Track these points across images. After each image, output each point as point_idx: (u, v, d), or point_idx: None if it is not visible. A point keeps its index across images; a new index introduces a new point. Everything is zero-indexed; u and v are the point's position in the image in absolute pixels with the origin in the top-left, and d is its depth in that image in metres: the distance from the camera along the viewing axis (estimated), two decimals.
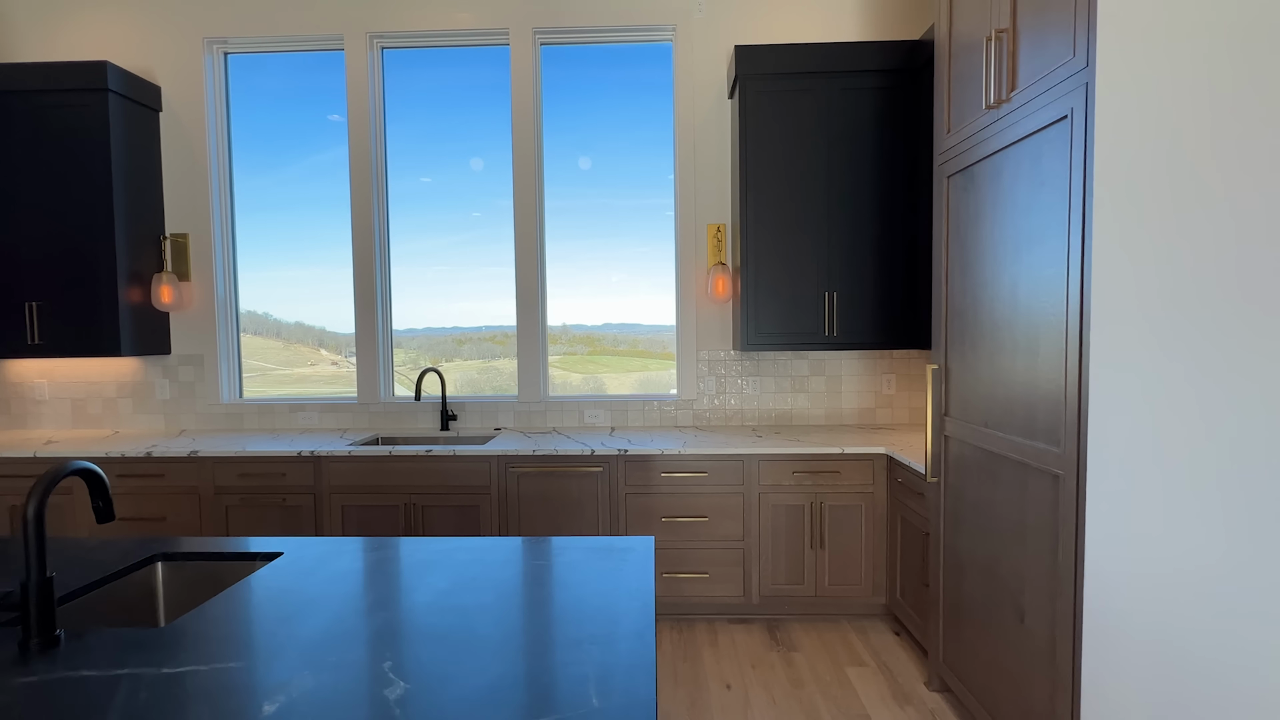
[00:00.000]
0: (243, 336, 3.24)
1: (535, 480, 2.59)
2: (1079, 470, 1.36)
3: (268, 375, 3.26)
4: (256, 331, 3.25)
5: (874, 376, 3.09)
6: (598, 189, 3.20)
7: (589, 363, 3.26)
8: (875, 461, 2.54)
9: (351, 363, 3.22)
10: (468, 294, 3.21)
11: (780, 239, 2.77)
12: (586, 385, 3.25)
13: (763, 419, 3.12)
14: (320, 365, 3.24)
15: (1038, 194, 1.49)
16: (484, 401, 3.15)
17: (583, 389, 3.23)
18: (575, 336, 3.16)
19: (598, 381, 3.22)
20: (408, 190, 3.21)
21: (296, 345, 3.20)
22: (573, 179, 3.20)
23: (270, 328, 3.17)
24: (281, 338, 3.21)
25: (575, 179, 3.20)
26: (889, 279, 2.75)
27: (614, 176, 3.19)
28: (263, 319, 3.27)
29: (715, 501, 2.57)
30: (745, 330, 2.79)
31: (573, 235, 3.20)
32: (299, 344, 3.26)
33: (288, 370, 3.26)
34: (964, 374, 1.87)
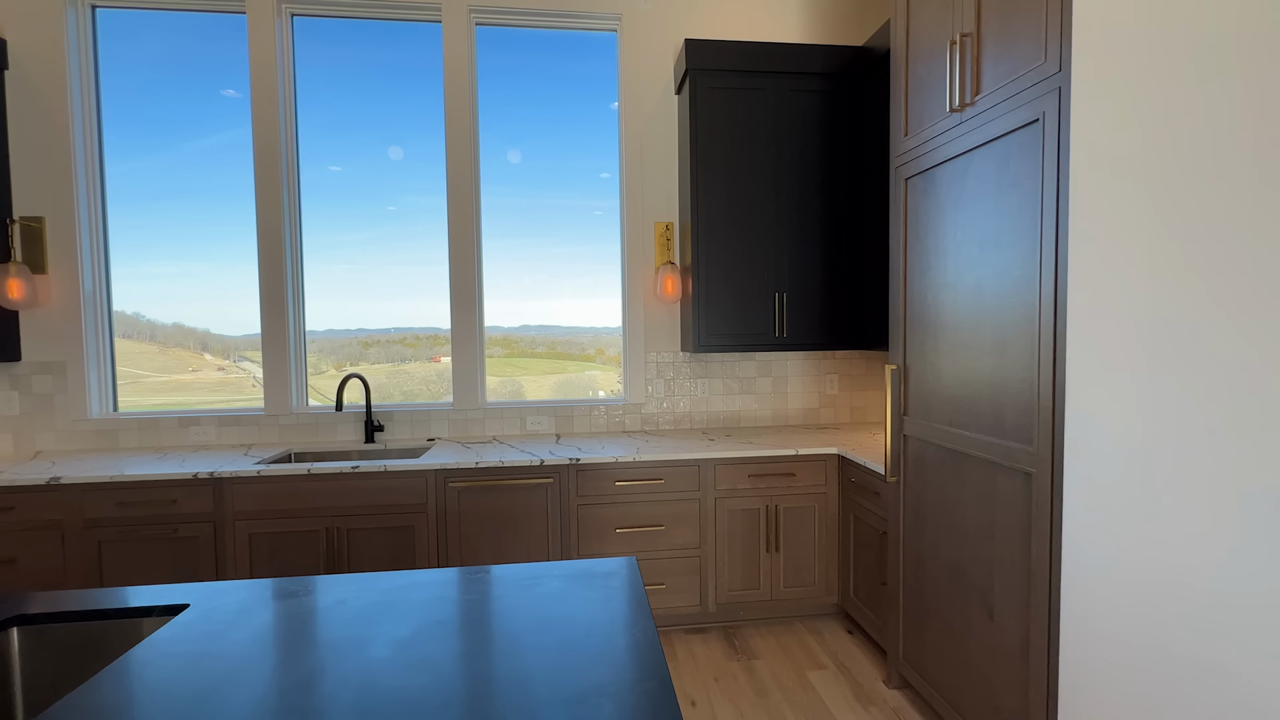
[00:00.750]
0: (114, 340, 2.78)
1: (478, 495, 2.38)
2: (1054, 468, 1.38)
3: (140, 383, 2.82)
4: (126, 334, 2.81)
5: (818, 377, 3.13)
6: (528, 186, 3.02)
7: (506, 365, 3.07)
8: (828, 462, 2.55)
9: (240, 368, 2.84)
10: (377, 293, 2.93)
11: (732, 238, 2.73)
12: (503, 388, 3.07)
13: (712, 422, 3.07)
14: (204, 371, 2.86)
15: (1006, 196, 1.51)
16: (415, 410, 2.88)
17: (499, 391, 3.04)
18: (492, 338, 2.94)
19: (515, 384, 3.05)
20: (313, 179, 2.88)
21: (175, 350, 2.82)
22: (500, 174, 3.00)
23: (143, 330, 2.77)
24: (157, 341, 2.82)
25: (503, 174, 3.00)
26: (836, 280, 2.79)
27: (546, 173, 3.02)
28: (133, 320, 2.82)
29: (672, 509, 2.48)
30: (697, 331, 2.73)
31: (495, 234, 3.00)
32: (178, 348, 2.81)
33: (164, 377, 2.83)
34: (924, 374, 1.88)
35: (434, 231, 2.91)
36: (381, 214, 2.95)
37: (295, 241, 2.83)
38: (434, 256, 2.92)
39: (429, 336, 2.94)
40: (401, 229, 2.95)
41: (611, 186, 3.05)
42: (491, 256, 2.99)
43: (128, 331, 2.84)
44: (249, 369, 2.82)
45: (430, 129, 2.89)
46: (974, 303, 1.64)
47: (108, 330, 2.75)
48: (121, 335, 2.81)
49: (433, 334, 2.94)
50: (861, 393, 3.16)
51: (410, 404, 2.95)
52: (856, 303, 2.79)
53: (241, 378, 2.85)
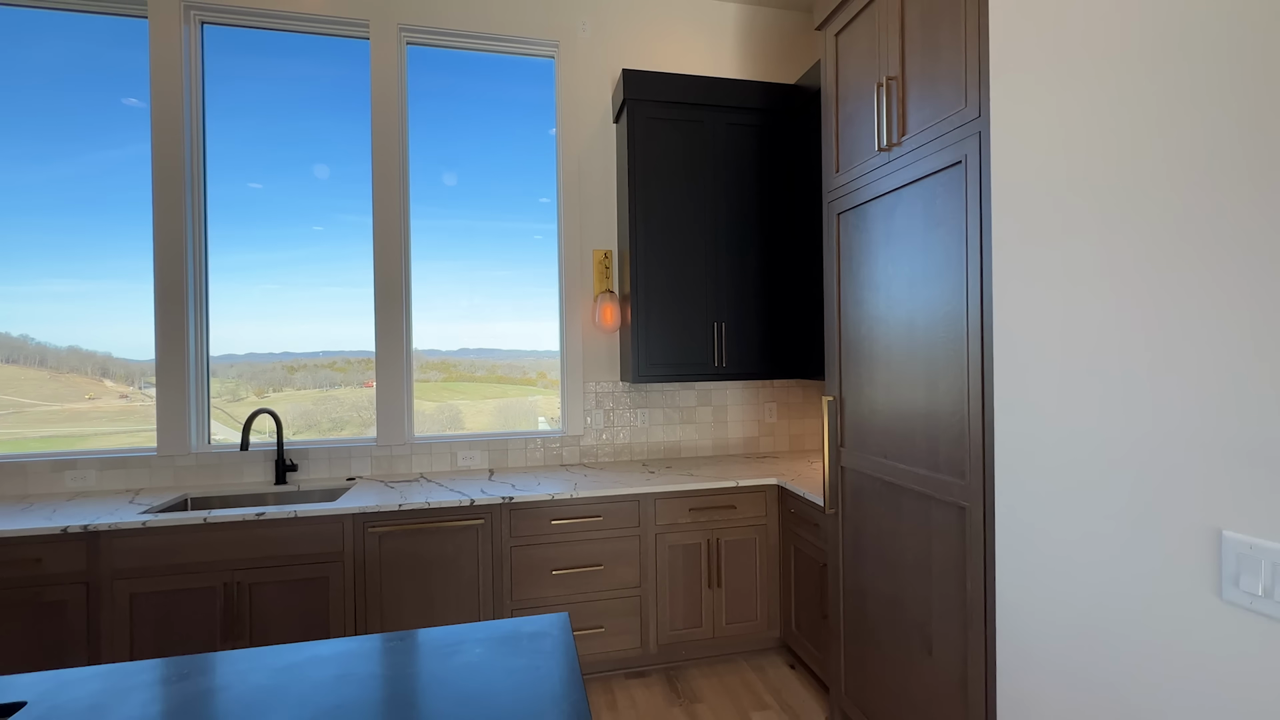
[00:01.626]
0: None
1: (401, 540, 2.20)
2: (986, 502, 1.39)
3: (24, 413, 2.48)
4: (9, 359, 2.48)
5: (757, 406, 3.14)
6: (464, 209, 2.92)
7: (444, 390, 2.92)
8: (768, 493, 2.53)
9: (146, 395, 2.56)
10: (302, 315, 2.73)
11: (670, 268, 2.71)
12: (440, 414, 2.90)
13: (652, 453, 3.00)
14: (104, 399, 2.55)
15: (933, 233, 1.55)
16: (334, 446, 2.66)
17: (437, 418, 2.88)
18: (429, 363, 2.80)
19: (452, 410, 2.90)
20: (233, 196, 2.67)
21: (70, 375, 2.50)
22: (436, 196, 2.88)
23: (31, 354, 2.45)
24: (48, 366, 2.50)
25: (439, 196, 2.89)
26: (774, 310, 2.81)
27: (483, 197, 2.93)
28: (19, 343, 2.49)
29: (610, 547, 2.38)
30: (636, 361, 2.67)
31: (431, 256, 2.87)
32: (74, 374, 2.50)
33: (55, 406, 2.50)
34: (859, 406, 1.90)
35: (365, 252, 2.75)
36: (308, 234, 2.77)
37: (199, 261, 2.59)
38: (364, 278, 2.76)
39: (361, 360, 2.78)
40: (330, 249, 2.77)
41: (552, 211, 2.99)
42: (427, 279, 2.85)
43: (11, 355, 2.49)
44: (155, 396, 2.53)
45: (361, 148, 2.75)
46: (906, 336, 1.67)
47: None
48: (4, 360, 2.47)
49: (365, 357, 2.77)
50: (800, 421, 3.19)
51: (329, 440, 2.72)
52: (794, 333, 2.83)
53: (147, 406, 2.57)
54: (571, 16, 2.89)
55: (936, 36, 1.53)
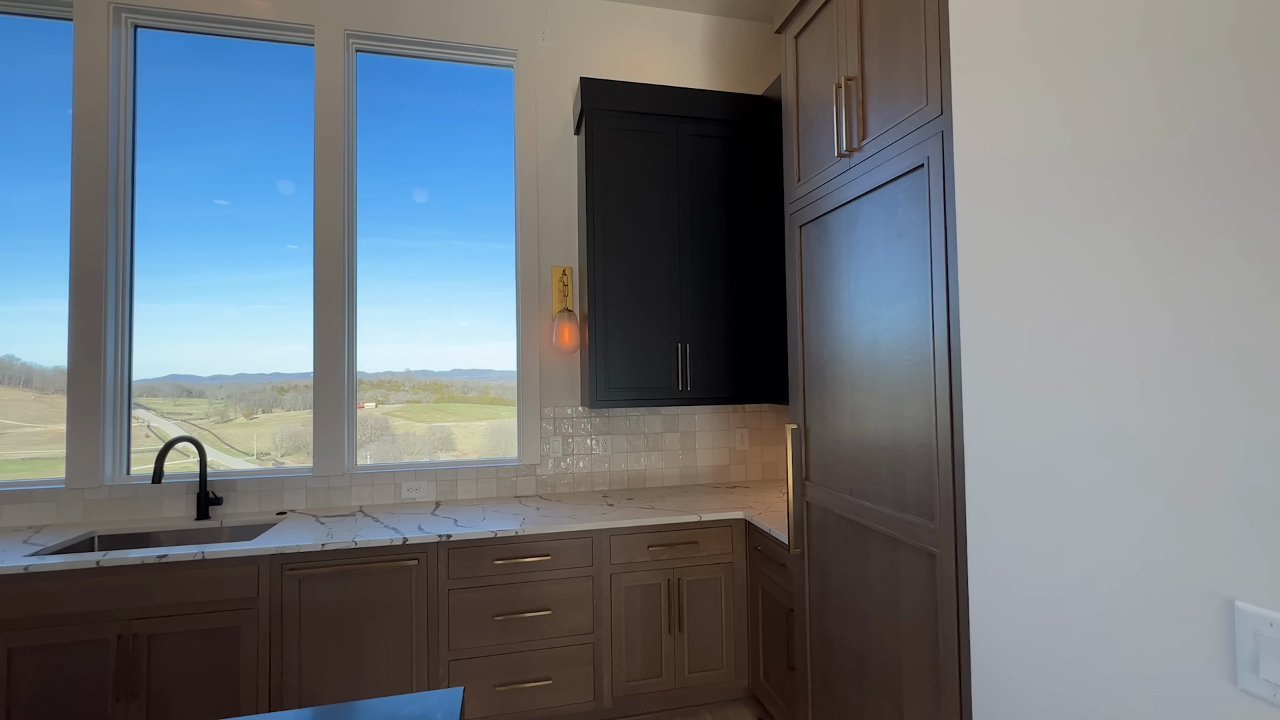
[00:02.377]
0: None
1: (325, 584, 1.99)
2: (957, 548, 1.22)
3: (8, 435, 2.34)
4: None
5: (727, 432, 2.96)
6: (438, 227, 2.77)
7: (436, 410, 2.75)
8: (734, 528, 2.34)
9: (135, 416, 2.39)
10: (294, 336, 2.57)
11: (632, 286, 2.55)
12: (432, 436, 2.74)
13: (615, 482, 2.81)
14: None
15: (895, 246, 1.40)
16: (265, 478, 2.45)
17: (428, 439, 2.71)
18: (420, 384, 2.65)
19: (444, 431, 2.74)
20: (203, 217, 2.51)
21: (56, 396, 2.33)
22: (408, 214, 2.74)
23: (17, 374, 2.32)
24: (33, 387, 2.37)
25: (411, 214, 2.74)
26: (740, 330, 2.65)
27: (456, 214, 2.79)
28: (4, 363, 2.34)
29: (561, 589, 2.17)
30: (595, 384, 2.50)
31: (415, 276, 2.72)
32: (59, 394, 2.32)
33: (39, 428, 2.33)
34: (824, 435, 1.73)
35: (360, 272, 2.61)
36: (291, 254, 2.61)
37: (123, 280, 2.40)
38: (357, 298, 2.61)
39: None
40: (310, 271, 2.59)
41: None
42: (418, 299, 2.73)
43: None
44: (143, 417, 2.40)
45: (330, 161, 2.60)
46: (869, 359, 1.50)
47: None
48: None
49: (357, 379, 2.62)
50: (774, 448, 3.01)
51: (260, 471, 2.51)
52: (763, 354, 2.67)
53: (134, 427, 2.38)
54: (531, 24, 2.77)
55: (896, 32, 1.39)
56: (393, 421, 2.68)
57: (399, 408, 2.71)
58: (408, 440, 2.68)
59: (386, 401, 2.64)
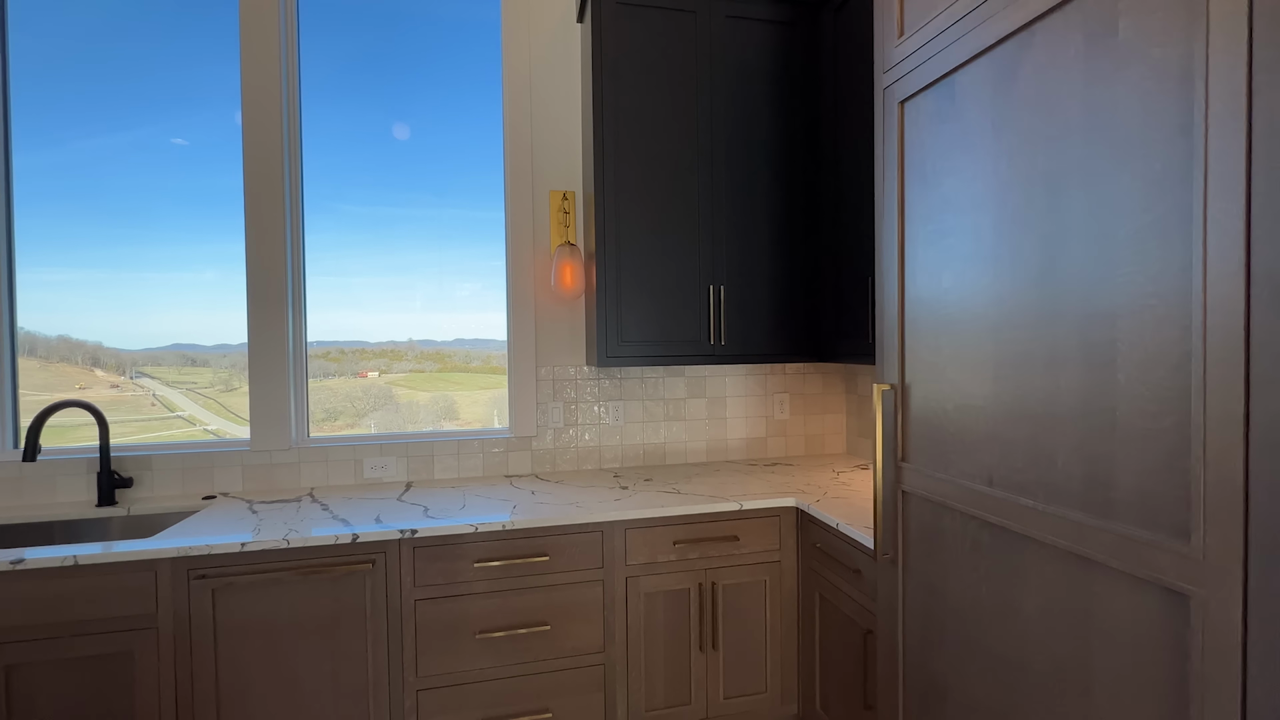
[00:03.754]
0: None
1: (248, 596, 1.50)
2: (1245, 591, 0.70)
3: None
4: None
5: (764, 398, 2.44)
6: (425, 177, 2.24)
7: (439, 380, 2.43)
8: (782, 518, 1.84)
9: (138, 385, 2.14)
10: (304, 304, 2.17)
11: (651, 212, 2.00)
12: (435, 404, 2.42)
13: (628, 458, 2.31)
14: (95, 389, 2.18)
15: (1113, 86, 0.84)
16: (191, 453, 1.95)
17: (432, 408, 2.34)
18: (423, 353, 2.36)
19: (448, 400, 2.41)
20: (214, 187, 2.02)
21: (61, 365, 2.20)
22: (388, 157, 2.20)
23: (21, 343, 2.12)
24: (38, 356, 2.18)
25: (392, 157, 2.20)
26: (790, 269, 2.11)
27: (444, 155, 2.24)
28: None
29: (562, 598, 1.69)
30: (604, 338, 1.97)
31: (413, 245, 2.22)
32: (64, 364, 2.19)
33: (46, 396, 2.09)
34: (939, 399, 1.20)
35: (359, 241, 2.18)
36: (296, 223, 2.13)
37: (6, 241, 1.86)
38: (355, 267, 2.20)
39: (354, 350, 2.38)
40: (329, 238, 2.17)
41: None
42: (418, 268, 2.25)
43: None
44: (149, 386, 2.20)
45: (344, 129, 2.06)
46: (1040, 283, 0.97)
47: None
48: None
49: (358, 348, 2.33)
50: (818, 417, 2.50)
51: (183, 445, 2.01)
52: (816, 299, 2.13)
53: (140, 396, 2.20)
54: None
55: None
56: (396, 390, 2.41)
57: (402, 377, 2.50)
58: (412, 409, 2.31)
59: (389, 371, 2.32)
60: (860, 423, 2.41)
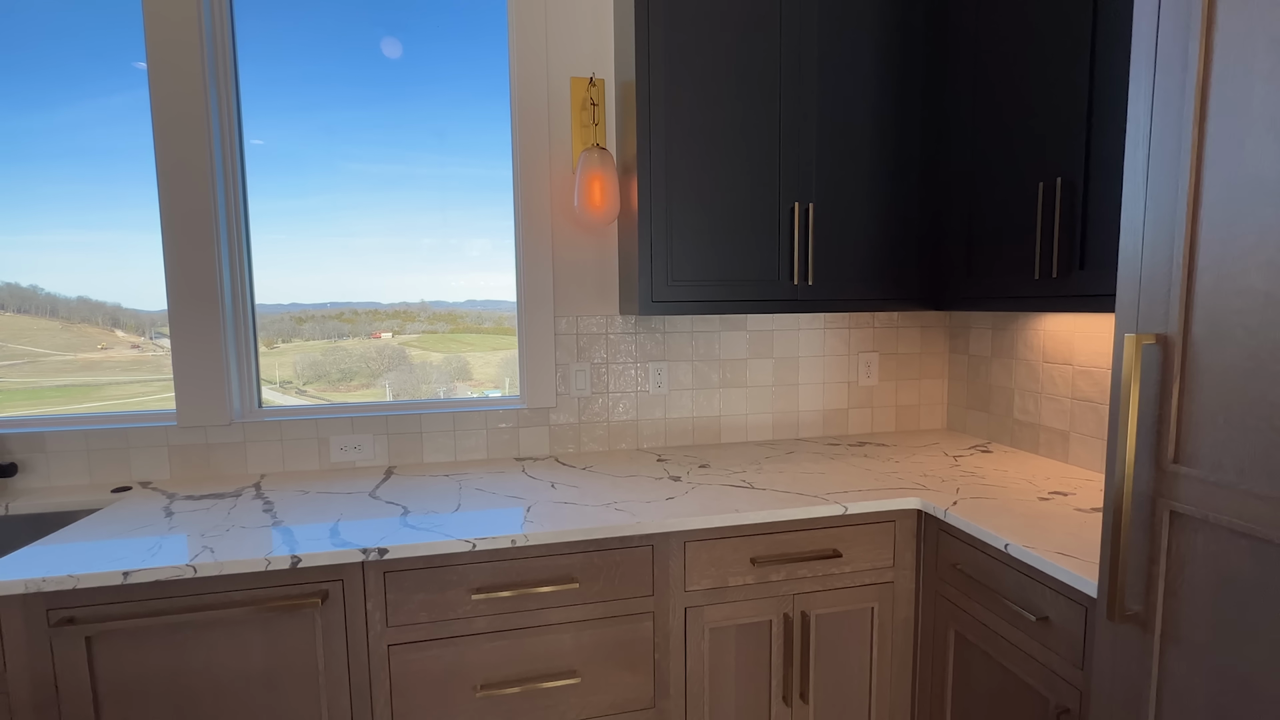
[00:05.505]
0: None
1: (143, 646, 1.02)
2: None
3: (40, 363, 1.91)
4: (21, 309, 1.97)
5: (848, 358, 1.90)
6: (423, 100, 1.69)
7: (452, 341, 2.22)
8: (900, 524, 1.33)
9: (158, 345, 1.85)
10: (310, 266, 1.87)
11: (712, 102, 1.43)
12: (448, 365, 2.22)
13: (673, 435, 1.80)
14: (116, 349, 2.07)
15: None
16: (101, 430, 1.47)
17: (444, 369, 2.08)
18: (435, 314, 2.17)
19: (460, 360, 2.20)
20: None
21: (82, 325, 2.06)
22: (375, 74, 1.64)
23: (43, 304, 2.06)
24: (59, 316, 2.09)
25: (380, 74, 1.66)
26: (900, 180, 1.54)
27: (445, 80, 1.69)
28: (29, 293, 1.88)
29: (598, 638, 1.20)
30: (650, 276, 1.43)
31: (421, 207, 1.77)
32: (85, 324, 2.04)
33: (69, 356, 1.99)
34: (1274, 363, 0.66)
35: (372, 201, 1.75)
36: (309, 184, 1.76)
37: None
38: (371, 228, 1.80)
39: (368, 311, 2.15)
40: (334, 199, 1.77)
41: None
42: (429, 229, 1.78)
43: (23, 306, 1.95)
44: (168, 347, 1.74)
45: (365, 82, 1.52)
46: None
47: None
48: (16, 310, 1.83)
49: (371, 308, 2.06)
50: (912, 384, 1.96)
51: (94, 416, 1.53)
52: (938, 221, 1.56)
53: (159, 356, 1.97)
54: None
55: None
56: (409, 351, 2.25)
57: (414, 338, 2.29)
58: (424, 370, 1.96)
59: (402, 331, 2.23)
60: (969, 391, 1.87)
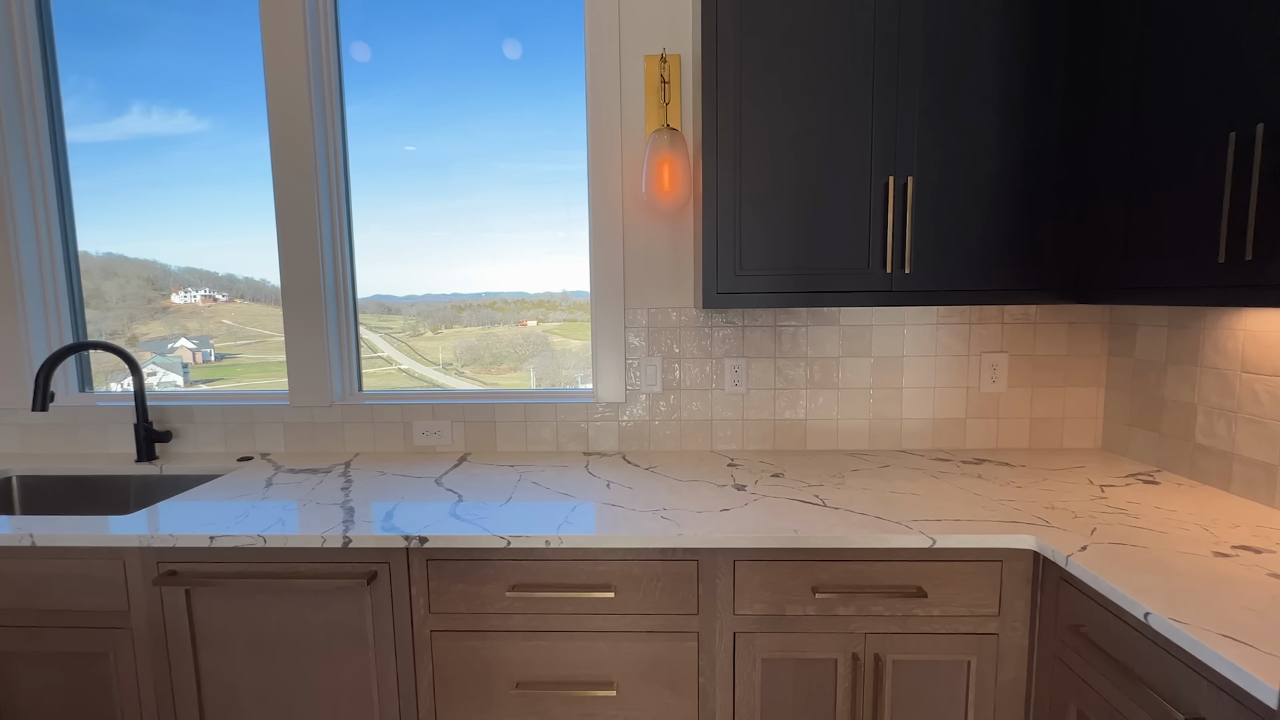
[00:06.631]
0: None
1: (228, 602, 1.15)
2: None
3: (268, 342, 2.07)
4: (254, 298, 2.14)
5: (966, 359, 1.61)
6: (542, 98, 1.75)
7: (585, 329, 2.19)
8: (1008, 565, 1.09)
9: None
10: (468, 260, 2.08)
11: (791, 60, 1.26)
12: (586, 351, 2.23)
13: (751, 439, 1.66)
14: None
15: None
16: (232, 405, 1.69)
17: (583, 355, 2.11)
18: (575, 303, 2.19)
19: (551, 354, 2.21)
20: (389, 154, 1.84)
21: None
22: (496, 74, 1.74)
23: (269, 294, 2.17)
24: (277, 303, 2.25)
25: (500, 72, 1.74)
26: (1027, 149, 1.25)
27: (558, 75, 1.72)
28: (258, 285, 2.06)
29: (635, 652, 1.13)
30: (715, 265, 1.31)
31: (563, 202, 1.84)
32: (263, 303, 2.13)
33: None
34: None
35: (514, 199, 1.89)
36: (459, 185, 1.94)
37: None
38: (514, 224, 1.93)
39: (516, 301, 2.38)
40: (482, 200, 1.93)
41: None
42: (576, 223, 1.78)
43: (256, 295, 2.07)
44: (365, 338, 2.22)
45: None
46: None
47: None
48: (251, 299, 2.03)
49: (519, 298, 2.24)
50: (1055, 392, 1.61)
51: (223, 394, 1.76)
52: (1085, 192, 1.25)
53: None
54: None
55: None
56: (551, 338, 2.33)
57: (557, 325, 2.37)
58: (564, 356, 2.22)
59: (546, 320, 2.30)
60: (1134, 404, 1.49)
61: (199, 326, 1.94)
